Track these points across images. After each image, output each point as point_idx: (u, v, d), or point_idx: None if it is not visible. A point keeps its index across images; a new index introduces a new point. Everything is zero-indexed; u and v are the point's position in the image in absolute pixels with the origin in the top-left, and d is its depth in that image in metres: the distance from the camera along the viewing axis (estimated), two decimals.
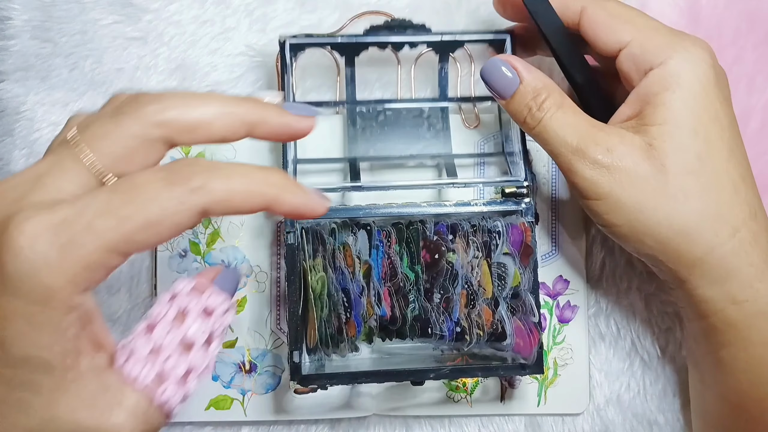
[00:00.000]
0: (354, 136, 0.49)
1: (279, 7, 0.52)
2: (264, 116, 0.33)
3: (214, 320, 0.32)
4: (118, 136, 0.30)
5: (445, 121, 0.50)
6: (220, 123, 0.31)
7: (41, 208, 0.28)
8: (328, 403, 0.49)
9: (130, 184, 0.29)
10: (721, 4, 0.51)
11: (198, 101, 0.32)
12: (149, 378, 0.30)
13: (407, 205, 0.45)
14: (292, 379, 0.42)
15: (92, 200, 0.28)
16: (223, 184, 0.30)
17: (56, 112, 0.51)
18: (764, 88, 0.50)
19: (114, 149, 0.30)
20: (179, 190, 0.29)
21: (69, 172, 0.30)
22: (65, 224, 0.27)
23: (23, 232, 0.27)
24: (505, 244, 0.44)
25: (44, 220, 0.27)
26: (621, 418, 0.50)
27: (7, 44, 0.52)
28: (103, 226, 0.28)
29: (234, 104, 0.32)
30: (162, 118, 0.31)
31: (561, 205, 0.51)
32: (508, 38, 0.47)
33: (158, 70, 0.52)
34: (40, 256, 0.27)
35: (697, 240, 0.39)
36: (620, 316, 0.51)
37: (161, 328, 0.31)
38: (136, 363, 0.30)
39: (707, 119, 0.40)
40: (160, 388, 0.30)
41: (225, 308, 0.33)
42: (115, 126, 0.30)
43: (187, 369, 0.31)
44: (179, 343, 0.31)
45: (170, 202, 0.29)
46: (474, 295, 0.43)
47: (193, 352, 0.31)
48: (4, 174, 0.51)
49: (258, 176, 0.31)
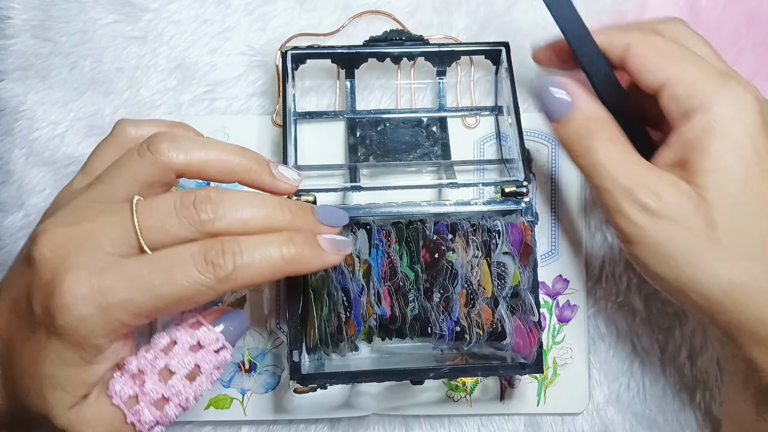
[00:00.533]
0: (354, 145, 0.49)
1: (279, 7, 0.52)
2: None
3: (201, 356, 0.35)
4: (174, 236, 0.34)
5: (443, 130, 0.50)
6: (258, 229, 0.35)
7: (91, 272, 0.32)
8: (328, 403, 0.49)
9: (168, 262, 0.33)
10: (721, 4, 0.51)
11: (255, 206, 0.35)
12: (125, 396, 0.33)
13: (407, 204, 0.45)
14: (292, 379, 0.42)
15: (135, 272, 0.32)
16: (250, 271, 0.34)
17: (56, 111, 0.51)
18: (764, 88, 0.50)
19: (164, 241, 0.34)
20: (210, 278, 0.33)
21: (121, 236, 0.33)
22: (108, 292, 0.32)
23: (73, 295, 0.31)
24: (505, 243, 0.44)
25: (91, 285, 0.32)
26: (620, 417, 0.50)
27: (6, 43, 0.52)
28: (140, 300, 0.32)
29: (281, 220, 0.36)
30: (213, 219, 0.34)
31: (561, 205, 0.51)
32: (504, 49, 0.48)
33: (158, 69, 0.52)
34: (83, 315, 0.32)
35: (750, 305, 0.37)
36: (620, 315, 0.51)
37: (149, 353, 0.34)
38: (118, 380, 0.33)
39: (758, 172, 0.37)
40: (133, 408, 0.33)
41: (217, 346, 0.35)
42: (177, 220, 0.34)
43: (163, 395, 0.33)
44: (160, 369, 0.34)
45: (200, 287, 0.33)
46: (474, 295, 0.43)
47: (172, 381, 0.34)
48: (4, 173, 0.51)
49: (281, 255, 0.34)
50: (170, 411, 0.34)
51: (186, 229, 0.34)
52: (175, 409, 0.34)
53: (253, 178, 0.37)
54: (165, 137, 0.36)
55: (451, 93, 0.51)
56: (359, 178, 0.47)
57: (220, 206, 0.34)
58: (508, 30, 0.52)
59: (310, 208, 0.38)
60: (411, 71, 0.51)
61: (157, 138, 0.35)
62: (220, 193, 0.35)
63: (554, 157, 0.51)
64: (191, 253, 0.33)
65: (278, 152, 0.50)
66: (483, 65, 0.51)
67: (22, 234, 0.51)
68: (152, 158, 0.35)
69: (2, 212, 0.51)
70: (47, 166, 0.51)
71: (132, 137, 0.40)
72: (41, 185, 0.51)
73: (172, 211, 0.34)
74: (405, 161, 0.49)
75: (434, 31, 0.52)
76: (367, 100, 0.52)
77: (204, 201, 0.34)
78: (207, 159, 0.36)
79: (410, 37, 0.48)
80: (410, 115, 0.50)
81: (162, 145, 0.35)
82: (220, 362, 0.36)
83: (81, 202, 0.35)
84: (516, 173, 0.47)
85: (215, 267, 0.33)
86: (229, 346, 0.36)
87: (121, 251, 0.33)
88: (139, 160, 0.35)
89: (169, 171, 0.35)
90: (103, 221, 0.34)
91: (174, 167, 0.35)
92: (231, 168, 0.37)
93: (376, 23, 0.52)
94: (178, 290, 0.32)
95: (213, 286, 0.33)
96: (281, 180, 0.38)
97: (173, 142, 0.35)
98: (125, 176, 0.35)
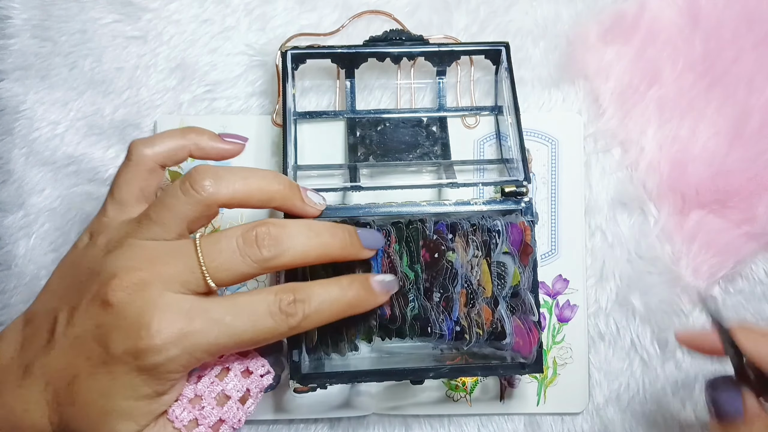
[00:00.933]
0: (354, 145, 0.49)
1: (278, 6, 0.52)
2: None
3: (251, 381, 0.38)
4: (239, 273, 0.36)
5: (443, 130, 0.50)
6: (315, 258, 0.38)
7: (178, 315, 0.34)
8: (328, 402, 0.49)
9: (248, 310, 0.35)
10: (721, 4, 0.51)
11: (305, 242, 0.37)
12: (186, 420, 0.35)
13: (407, 204, 0.45)
14: (292, 378, 0.42)
15: (220, 318, 0.35)
16: (317, 316, 0.37)
17: (56, 111, 0.51)
18: (764, 88, 0.50)
19: (230, 279, 0.36)
20: (283, 326, 0.36)
21: (190, 277, 0.35)
22: (196, 335, 0.34)
23: (164, 337, 0.33)
24: (505, 243, 0.44)
25: (180, 328, 0.34)
26: (620, 417, 0.50)
27: (6, 43, 0.52)
28: (224, 342, 0.35)
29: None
30: (275, 255, 0.36)
31: (561, 205, 0.51)
32: (504, 49, 0.48)
33: (158, 69, 0.52)
34: (172, 356, 0.34)
35: None
36: (620, 315, 0.51)
37: (205, 380, 0.37)
38: (178, 406, 0.36)
39: None
40: (193, 431, 0.35)
41: (263, 372, 0.38)
42: (242, 259, 0.36)
43: (219, 418, 0.36)
44: (217, 395, 0.36)
45: (274, 333, 0.36)
46: (474, 294, 0.43)
47: (228, 405, 0.36)
48: (4, 173, 0.51)
49: (345, 301, 0.38)
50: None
51: (250, 266, 0.36)
52: (228, 431, 0.37)
53: (287, 205, 0.39)
54: (207, 173, 0.36)
55: (451, 93, 0.51)
56: (359, 178, 0.47)
57: (281, 242, 0.36)
58: (508, 30, 0.52)
59: (355, 232, 0.40)
60: (411, 71, 0.51)
61: (199, 175, 0.36)
62: (279, 228, 0.36)
63: (554, 157, 0.51)
64: (268, 303, 0.35)
65: (278, 152, 0.50)
66: (483, 65, 0.51)
67: (22, 234, 0.51)
68: (197, 197, 0.36)
69: (2, 212, 0.51)
70: (47, 166, 0.51)
71: (150, 157, 0.40)
72: (41, 185, 0.51)
73: (236, 250, 0.36)
74: (405, 161, 0.49)
75: (434, 31, 0.52)
76: (366, 100, 0.52)
77: (266, 237, 0.36)
78: (248, 190, 0.37)
79: (410, 37, 0.49)
80: (410, 115, 0.50)
81: (205, 183, 0.36)
82: (264, 386, 0.38)
83: (140, 242, 0.36)
84: (516, 173, 0.47)
85: (288, 316, 0.36)
86: (272, 371, 0.39)
87: (189, 290, 0.35)
88: (183, 199, 0.36)
89: (214, 206, 0.37)
90: (173, 264, 0.35)
91: (219, 202, 0.37)
92: (270, 196, 0.38)
93: (376, 23, 0.52)
94: (256, 336, 0.35)
95: (284, 332, 0.36)
96: (309, 204, 0.40)
97: (215, 179, 0.36)
98: (173, 216, 0.36)
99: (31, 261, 0.51)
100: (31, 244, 0.51)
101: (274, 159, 0.50)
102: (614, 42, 0.51)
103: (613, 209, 0.51)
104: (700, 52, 0.51)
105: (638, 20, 0.51)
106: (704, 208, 0.50)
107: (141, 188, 0.39)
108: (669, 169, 0.50)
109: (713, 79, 0.51)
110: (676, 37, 0.51)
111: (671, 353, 0.51)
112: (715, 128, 0.50)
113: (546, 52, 0.52)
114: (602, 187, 0.51)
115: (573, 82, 0.52)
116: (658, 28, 0.51)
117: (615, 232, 0.51)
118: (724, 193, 0.50)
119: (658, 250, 0.51)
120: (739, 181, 0.49)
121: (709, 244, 0.50)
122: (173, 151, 0.40)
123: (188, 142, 0.41)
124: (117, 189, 0.39)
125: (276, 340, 0.37)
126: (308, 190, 0.41)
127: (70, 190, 0.51)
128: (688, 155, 0.50)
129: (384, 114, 0.50)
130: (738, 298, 0.51)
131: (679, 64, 0.51)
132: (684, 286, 0.50)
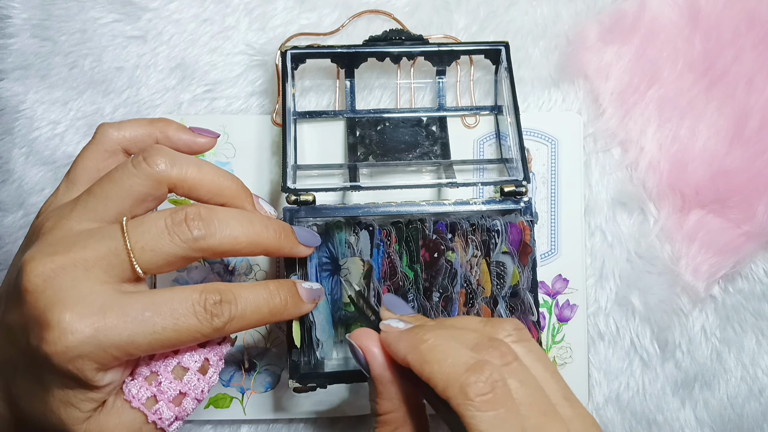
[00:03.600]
0: (353, 145, 0.49)
1: (278, 6, 0.52)
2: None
3: (208, 350, 0.37)
4: (167, 254, 0.34)
5: (443, 130, 0.50)
6: (246, 245, 0.36)
7: (91, 309, 0.32)
8: (328, 402, 0.49)
9: (170, 307, 0.33)
10: (721, 3, 0.51)
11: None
12: (143, 398, 0.35)
13: (406, 203, 0.45)
14: (291, 378, 0.42)
15: (137, 314, 0.33)
16: (241, 322, 0.35)
17: (56, 110, 0.52)
18: (763, 88, 0.50)
19: (157, 262, 0.34)
20: (208, 327, 0.34)
21: (114, 261, 0.33)
22: (110, 332, 0.32)
23: (73, 332, 0.31)
24: (504, 242, 0.44)
25: (92, 323, 0.32)
26: (620, 417, 0.50)
27: (6, 42, 0.52)
28: (141, 341, 0.33)
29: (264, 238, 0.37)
30: (205, 235, 0.35)
31: (560, 205, 0.51)
32: (503, 49, 0.48)
33: (158, 68, 0.52)
34: (81, 353, 0.32)
35: None
36: (619, 315, 0.51)
37: (159, 355, 0.35)
38: (135, 385, 0.35)
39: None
40: (153, 408, 0.35)
41: (219, 339, 0.37)
42: (169, 238, 0.34)
43: (179, 391, 0.35)
44: (173, 368, 0.35)
45: (197, 333, 0.34)
46: (473, 294, 0.43)
47: (187, 377, 0.35)
48: (4, 172, 0.51)
49: (268, 308, 0.36)
50: (187, 405, 0.36)
51: (178, 246, 0.34)
52: (192, 403, 0.36)
53: (236, 204, 0.38)
54: (161, 151, 0.36)
55: (451, 92, 0.51)
56: (359, 178, 0.47)
57: (211, 223, 0.35)
58: (508, 29, 0.52)
59: (290, 228, 0.39)
60: (411, 71, 0.51)
61: (153, 151, 0.35)
62: (210, 210, 0.35)
63: (554, 156, 0.51)
64: (192, 301, 0.34)
65: (278, 152, 0.50)
66: (482, 65, 0.51)
67: (22, 233, 0.51)
68: (148, 170, 0.35)
69: (2, 211, 0.51)
70: (47, 166, 0.51)
71: (115, 140, 0.39)
72: (41, 184, 0.51)
73: (164, 229, 0.34)
74: (404, 161, 0.49)
75: (434, 31, 0.52)
76: (366, 100, 0.52)
77: (195, 218, 0.34)
78: (200, 177, 0.36)
79: (410, 37, 0.49)
80: (410, 115, 0.50)
81: (158, 158, 0.35)
82: (223, 353, 0.37)
83: (72, 224, 0.34)
84: (515, 173, 0.47)
85: (213, 317, 0.34)
86: (229, 338, 0.38)
87: (115, 277, 0.34)
88: (133, 172, 0.35)
89: (163, 184, 0.35)
90: (95, 247, 0.33)
91: (169, 181, 0.35)
92: (221, 190, 0.37)
93: (375, 23, 0.52)
94: (177, 335, 0.33)
95: (208, 333, 0.34)
96: (259, 212, 0.39)
97: (169, 157, 0.35)
98: (118, 189, 0.35)
99: None
100: None
101: (274, 159, 0.50)
102: (614, 42, 0.51)
103: (613, 209, 0.51)
104: (700, 51, 0.51)
105: (638, 20, 0.51)
106: (704, 207, 0.50)
107: (97, 169, 0.38)
108: (669, 169, 0.50)
109: (713, 79, 0.51)
110: (676, 37, 0.51)
111: (671, 353, 0.51)
112: (715, 128, 0.50)
113: (546, 52, 0.52)
114: (602, 186, 0.51)
115: (573, 82, 0.52)
116: (658, 28, 0.51)
117: (615, 231, 0.51)
118: (724, 193, 0.50)
119: (657, 250, 0.51)
120: (739, 181, 0.49)
121: (709, 243, 0.50)
122: (139, 138, 0.40)
123: (156, 130, 0.40)
124: (73, 168, 0.39)
125: (198, 342, 0.35)
126: (261, 198, 0.40)
127: None
128: (688, 155, 0.50)
129: (384, 114, 0.50)
130: (738, 297, 0.51)
131: (679, 64, 0.51)
132: (684, 285, 0.50)
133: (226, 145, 0.50)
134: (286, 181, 0.44)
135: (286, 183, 0.44)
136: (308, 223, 0.44)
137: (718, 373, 0.51)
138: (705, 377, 0.51)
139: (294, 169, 0.47)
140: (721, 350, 0.51)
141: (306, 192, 0.44)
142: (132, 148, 0.40)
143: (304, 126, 0.50)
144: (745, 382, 0.51)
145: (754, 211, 0.49)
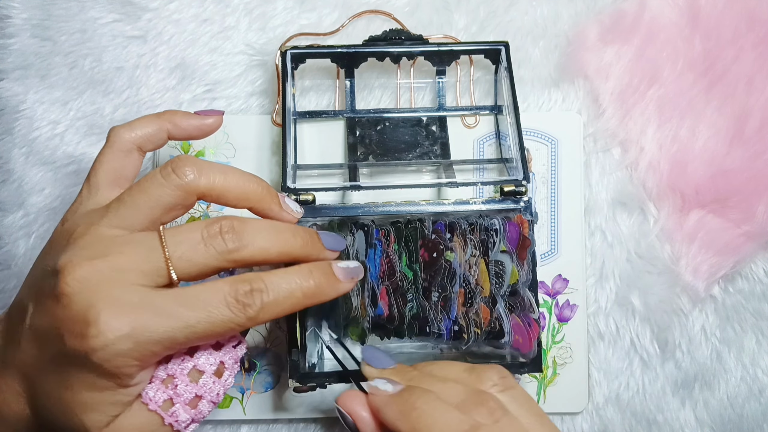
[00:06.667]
0: (353, 144, 0.49)
1: (278, 6, 0.52)
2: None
3: (223, 353, 0.37)
4: (202, 265, 0.35)
5: (443, 130, 0.50)
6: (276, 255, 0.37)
7: (127, 308, 0.33)
8: (328, 402, 0.49)
9: (203, 300, 0.34)
10: (721, 3, 0.51)
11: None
12: (160, 400, 0.35)
13: (406, 203, 0.45)
14: (291, 378, 0.42)
15: (171, 310, 0.34)
16: (276, 307, 0.35)
17: (55, 110, 0.52)
18: (763, 88, 0.50)
19: (192, 271, 0.35)
20: (241, 317, 0.35)
21: (151, 268, 0.34)
22: (146, 329, 0.33)
23: (111, 331, 0.32)
24: (503, 241, 0.44)
25: (128, 321, 0.33)
26: (620, 417, 0.50)
27: (6, 42, 0.52)
28: (177, 336, 0.34)
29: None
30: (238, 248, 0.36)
31: (560, 204, 0.51)
32: (503, 49, 0.48)
33: (158, 68, 0.52)
34: (120, 350, 0.33)
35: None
36: (619, 315, 0.51)
37: (176, 358, 0.36)
38: (152, 387, 0.35)
39: None
40: (169, 410, 0.35)
41: (235, 342, 0.38)
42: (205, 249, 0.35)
43: (195, 394, 0.36)
44: (189, 371, 0.36)
45: (231, 324, 0.35)
46: (472, 294, 0.43)
47: (203, 380, 0.36)
48: (4, 172, 0.51)
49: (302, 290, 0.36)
50: (203, 407, 0.36)
51: (213, 257, 0.35)
52: (207, 405, 0.36)
53: (264, 207, 0.39)
54: (188, 161, 0.37)
55: (451, 92, 0.51)
56: (359, 178, 0.47)
57: (244, 235, 0.36)
58: (508, 29, 0.52)
59: (316, 234, 0.40)
60: (410, 71, 0.51)
61: (181, 161, 0.37)
62: (242, 222, 0.36)
63: (554, 156, 0.51)
64: (224, 293, 0.35)
65: (278, 151, 0.50)
66: (482, 65, 0.51)
67: (22, 233, 0.51)
68: (177, 181, 0.36)
69: (2, 211, 0.51)
70: (47, 165, 0.51)
71: (128, 140, 0.40)
72: (41, 184, 0.51)
73: (200, 240, 0.35)
74: (404, 160, 0.49)
75: (434, 31, 0.52)
76: (366, 100, 0.52)
77: (229, 230, 0.36)
78: (227, 184, 0.37)
79: (410, 37, 0.49)
80: (410, 115, 0.50)
81: (186, 168, 0.36)
82: (238, 356, 0.38)
83: (104, 230, 0.35)
84: (515, 172, 0.47)
85: (245, 306, 0.35)
86: (244, 340, 0.38)
87: (150, 282, 0.34)
88: (162, 183, 0.36)
89: (192, 194, 0.37)
90: (132, 253, 0.34)
91: (197, 190, 0.37)
92: (247, 195, 0.38)
93: (375, 23, 0.52)
94: (212, 327, 0.34)
95: (242, 323, 0.35)
96: (286, 211, 0.40)
97: (197, 167, 0.37)
98: (147, 199, 0.36)
99: (31, 260, 0.51)
100: (31, 244, 0.51)
101: (274, 158, 0.50)
102: (614, 42, 0.51)
103: (613, 209, 0.51)
104: (700, 51, 0.51)
105: (638, 20, 0.51)
106: (704, 207, 0.50)
107: (115, 170, 0.39)
108: (669, 169, 0.50)
109: (713, 79, 0.51)
110: (676, 36, 0.51)
111: (671, 353, 0.51)
112: (715, 128, 0.50)
113: (546, 52, 0.52)
114: (602, 186, 0.51)
115: (573, 82, 0.52)
116: (658, 28, 0.51)
117: (615, 231, 0.51)
118: (723, 193, 0.50)
119: (657, 250, 0.51)
120: (739, 181, 0.49)
121: (709, 243, 0.50)
122: (152, 133, 0.41)
123: (165, 122, 0.41)
124: (93, 173, 0.39)
125: (233, 332, 0.36)
126: (287, 197, 0.40)
127: (70, 189, 0.51)
128: (687, 155, 0.50)
129: (384, 113, 0.50)
130: (738, 297, 0.51)
131: (678, 64, 0.51)
132: (684, 285, 0.50)
133: (226, 145, 0.50)
134: (286, 180, 0.44)
135: (285, 183, 0.44)
136: (308, 223, 0.44)
137: (718, 373, 0.51)
138: (705, 377, 0.51)
139: (294, 168, 0.47)
140: (721, 350, 0.51)
141: (306, 192, 0.44)
142: (146, 144, 0.41)
143: (304, 126, 0.50)
144: (745, 382, 0.51)
145: (754, 211, 0.49)
